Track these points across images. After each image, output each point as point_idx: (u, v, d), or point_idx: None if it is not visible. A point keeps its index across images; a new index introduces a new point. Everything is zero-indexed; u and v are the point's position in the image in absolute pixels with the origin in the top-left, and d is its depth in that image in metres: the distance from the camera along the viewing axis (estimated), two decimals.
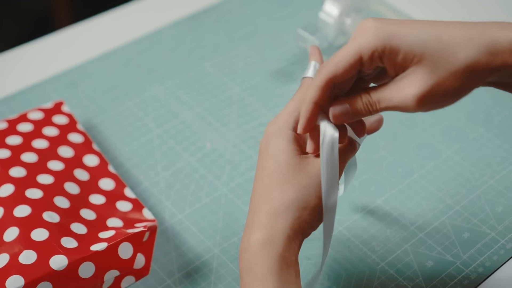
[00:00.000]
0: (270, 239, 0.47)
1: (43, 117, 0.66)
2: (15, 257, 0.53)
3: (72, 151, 0.63)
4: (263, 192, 0.49)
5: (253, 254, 0.48)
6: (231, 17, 0.86)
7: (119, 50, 0.81)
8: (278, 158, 0.50)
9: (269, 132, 0.51)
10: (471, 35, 0.48)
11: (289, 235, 0.48)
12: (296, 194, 0.48)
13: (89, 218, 0.58)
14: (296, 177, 0.49)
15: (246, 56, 0.80)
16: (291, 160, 0.49)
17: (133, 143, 0.71)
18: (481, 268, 0.60)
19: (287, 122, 0.51)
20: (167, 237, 0.63)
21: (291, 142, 0.50)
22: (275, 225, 0.48)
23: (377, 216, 0.64)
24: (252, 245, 0.48)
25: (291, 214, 0.48)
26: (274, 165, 0.50)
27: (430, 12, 0.86)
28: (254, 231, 0.48)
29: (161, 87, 0.77)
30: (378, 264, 0.60)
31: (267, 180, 0.49)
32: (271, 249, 0.47)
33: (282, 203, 0.48)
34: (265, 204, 0.49)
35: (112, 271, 0.55)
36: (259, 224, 0.48)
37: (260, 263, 0.47)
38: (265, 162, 0.50)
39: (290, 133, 0.50)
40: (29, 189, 0.58)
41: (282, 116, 0.51)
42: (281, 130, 0.51)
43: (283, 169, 0.49)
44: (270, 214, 0.48)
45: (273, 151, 0.50)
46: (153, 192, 0.66)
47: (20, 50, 0.82)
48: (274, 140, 0.50)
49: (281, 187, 0.49)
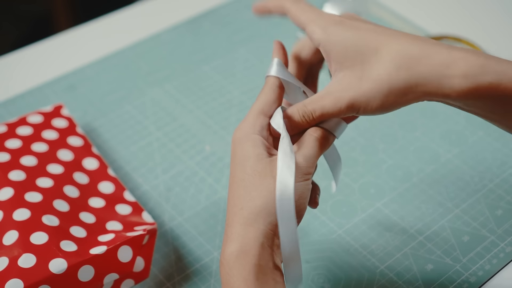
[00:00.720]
0: (243, 250, 0.46)
1: (43, 120, 0.66)
2: (14, 260, 0.53)
3: (72, 155, 0.63)
4: (233, 202, 0.48)
5: (227, 267, 0.47)
6: (230, 21, 0.86)
7: (118, 53, 0.81)
8: (244, 165, 0.49)
9: (235, 139, 0.50)
10: (404, 53, 0.48)
11: (263, 243, 0.47)
12: (264, 200, 0.47)
13: (88, 222, 0.58)
14: (263, 182, 0.48)
15: (246, 60, 0.81)
16: (257, 165, 0.48)
17: (133, 146, 0.71)
18: (481, 272, 0.60)
19: (252, 126, 0.50)
20: (166, 240, 0.62)
21: (257, 146, 0.49)
22: (247, 235, 0.47)
23: (376, 219, 0.64)
24: (227, 258, 0.47)
25: (261, 222, 0.47)
26: (240, 173, 0.49)
27: (430, 15, 0.86)
28: (228, 243, 0.47)
29: (161, 90, 0.77)
30: (377, 267, 0.60)
31: (236, 189, 0.49)
32: (245, 260, 0.46)
33: (251, 212, 0.47)
34: (236, 215, 0.48)
35: (112, 274, 0.55)
36: (232, 236, 0.47)
37: (235, 276, 0.46)
38: (233, 171, 0.50)
39: (256, 137, 0.50)
40: (29, 193, 0.58)
41: (247, 121, 0.51)
42: (247, 135, 0.50)
43: (250, 176, 0.48)
44: (241, 224, 0.47)
45: (240, 159, 0.49)
46: (153, 195, 0.66)
47: (19, 53, 0.82)
48: (240, 147, 0.50)
49: (249, 195, 0.48)
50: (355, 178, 0.67)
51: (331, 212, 0.65)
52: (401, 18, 0.85)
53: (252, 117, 0.51)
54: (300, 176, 0.48)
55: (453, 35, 0.82)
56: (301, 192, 0.48)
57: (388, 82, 0.47)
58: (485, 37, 0.82)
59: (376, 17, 0.85)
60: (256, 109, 0.51)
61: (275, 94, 0.52)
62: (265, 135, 0.50)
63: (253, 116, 0.51)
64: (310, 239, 0.62)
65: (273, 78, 0.52)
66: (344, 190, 0.66)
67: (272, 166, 0.48)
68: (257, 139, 0.50)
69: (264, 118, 0.51)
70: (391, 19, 0.85)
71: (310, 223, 0.64)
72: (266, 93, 0.52)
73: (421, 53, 0.47)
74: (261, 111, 0.51)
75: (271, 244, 0.47)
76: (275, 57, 0.53)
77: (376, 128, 0.72)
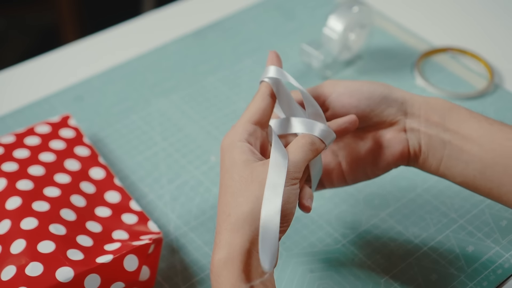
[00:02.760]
0: (231, 257, 0.47)
1: (50, 130, 0.67)
2: (21, 269, 0.53)
3: (79, 164, 0.64)
4: (221, 209, 0.49)
5: (216, 275, 0.47)
6: (236, 32, 0.87)
7: (125, 64, 0.82)
8: (231, 172, 0.49)
9: (223, 147, 0.51)
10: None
11: (249, 249, 0.47)
12: (250, 205, 0.47)
13: (95, 231, 0.58)
14: (249, 188, 0.48)
15: (251, 70, 0.81)
16: (243, 172, 0.49)
17: (139, 156, 0.72)
18: (485, 282, 0.60)
19: (240, 133, 0.51)
20: (172, 250, 0.63)
21: (244, 153, 0.50)
22: (233, 241, 0.47)
23: (381, 230, 0.64)
24: (215, 265, 0.47)
25: (248, 228, 0.47)
26: (228, 181, 0.49)
27: (434, 27, 0.86)
28: (216, 251, 0.48)
29: (167, 101, 0.78)
30: (382, 277, 0.60)
31: (224, 196, 0.49)
32: (232, 267, 0.46)
33: (237, 218, 0.47)
34: (224, 222, 0.48)
35: (118, 283, 0.55)
36: (220, 243, 0.48)
37: (223, 283, 0.46)
38: (222, 178, 0.50)
39: (243, 144, 0.50)
40: (36, 202, 0.58)
41: (235, 129, 0.51)
42: (234, 143, 0.50)
43: (236, 183, 0.48)
44: (228, 231, 0.47)
45: (227, 166, 0.50)
46: (158, 204, 0.67)
47: (27, 64, 0.83)
48: (227, 154, 0.50)
49: (235, 202, 0.48)
50: (359, 189, 0.68)
51: (336, 223, 0.65)
52: (406, 30, 0.86)
53: (240, 125, 0.51)
54: (287, 181, 0.48)
55: (457, 47, 0.83)
56: (288, 196, 0.48)
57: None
58: (490, 49, 0.83)
59: (380, 29, 0.86)
60: (244, 117, 0.52)
61: (265, 102, 0.52)
62: (253, 142, 0.51)
63: (241, 124, 0.51)
64: (315, 249, 0.63)
65: (264, 87, 0.53)
66: (349, 200, 0.67)
67: (259, 172, 0.48)
68: (244, 146, 0.50)
69: (251, 125, 0.51)
70: (395, 31, 0.86)
71: (315, 233, 0.64)
72: (256, 101, 0.52)
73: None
74: (249, 120, 0.51)
75: (258, 249, 0.47)
76: (270, 65, 0.54)
77: None
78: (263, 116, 0.52)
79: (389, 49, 0.83)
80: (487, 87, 0.78)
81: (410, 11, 0.89)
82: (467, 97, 0.77)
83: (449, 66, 0.81)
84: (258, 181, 0.48)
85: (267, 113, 0.53)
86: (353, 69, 0.81)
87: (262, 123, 0.52)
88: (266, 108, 0.52)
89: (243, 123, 0.51)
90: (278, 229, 0.46)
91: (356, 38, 0.78)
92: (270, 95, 0.53)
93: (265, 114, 0.52)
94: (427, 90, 0.78)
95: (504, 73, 0.80)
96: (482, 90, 0.77)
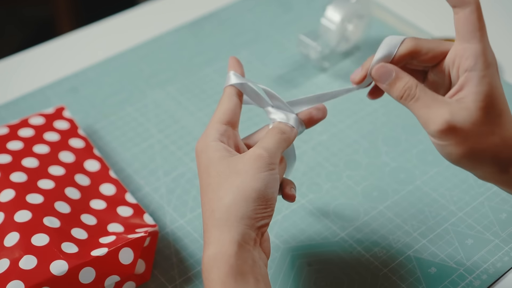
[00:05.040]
0: (220, 252, 0.47)
1: (44, 122, 0.66)
2: (15, 262, 0.53)
3: (73, 156, 0.63)
4: (205, 208, 0.49)
5: (206, 272, 0.47)
6: (232, 23, 0.86)
7: (120, 55, 0.81)
8: (209, 171, 0.50)
9: (197, 151, 0.52)
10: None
11: (238, 241, 0.47)
12: (232, 196, 0.48)
13: (89, 223, 0.58)
14: (227, 180, 0.48)
15: (248, 62, 0.80)
16: (220, 166, 0.49)
17: (134, 148, 0.71)
18: (485, 275, 0.59)
19: (212, 135, 0.51)
20: (168, 243, 0.62)
21: (218, 150, 0.50)
22: (221, 236, 0.47)
23: (379, 222, 0.63)
24: (205, 262, 0.47)
25: (233, 219, 0.47)
26: (207, 179, 0.50)
27: (432, 17, 0.86)
28: (206, 248, 0.48)
29: (162, 92, 0.77)
30: (380, 270, 0.60)
31: (205, 195, 0.49)
32: (221, 262, 0.46)
33: (222, 211, 0.48)
34: (209, 219, 0.48)
35: (113, 276, 0.55)
36: (208, 240, 0.48)
37: (213, 280, 0.46)
38: (200, 180, 0.51)
39: (215, 143, 0.51)
40: (30, 194, 0.58)
41: (206, 132, 0.52)
42: (206, 143, 0.51)
43: (215, 178, 0.49)
44: (215, 226, 0.48)
45: (204, 166, 0.50)
46: (154, 197, 0.66)
47: (21, 55, 0.82)
48: (202, 156, 0.51)
49: (217, 196, 0.48)
50: (358, 181, 0.67)
51: (334, 215, 0.64)
52: (404, 21, 0.85)
53: (211, 127, 0.52)
54: (264, 167, 0.49)
55: None
56: (267, 182, 0.49)
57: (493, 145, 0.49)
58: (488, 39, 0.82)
59: (378, 20, 0.85)
60: (214, 119, 0.53)
61: (232, 102, 0.53)
62: (225, 141, 0.52)
63: (211, 126, 0.52)
64: (312, 242, 0.62)
65: (229, 88, 0.54)
66: (347, 193, 0.66)
67: (235, 163, 0.49)
68: (218, 144, 0.51)
69: (222, 125, 0.52)
70: (394, 21, 0.85)
71: (312, 226, 0.63)
72: (223, 103, 0.53)
73: None
74: (218, 120, 0.52)
75: (248, 241, 0.47)
76: (230, 70, 0.55)
77: (379, 131, 0.72)
78: (232, 116, 0.53)
79: None
80: None
81: (409, 2, 0.88)
82: None
83: None
84: (235, 172, 0.48)
85: (235, 113, 0.53)
86: (351, 60, 0.80)
87: (232, 123, 0.53)
88: (234, 108, 0.53)
89: (213, 125, 0.52)
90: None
91: (354, 29, 0.77)
92: (237, 93, 0.54)
93: (233, 113, 0.53)
94: None
95: (503, 65, 0.79)
96: None
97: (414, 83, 0.50)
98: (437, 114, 0.48)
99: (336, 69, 0.79)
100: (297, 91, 0.77)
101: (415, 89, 0.49)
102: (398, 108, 0.74)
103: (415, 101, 0.49)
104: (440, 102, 0.48)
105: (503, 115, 0.48)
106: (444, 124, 0.48)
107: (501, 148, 0.49)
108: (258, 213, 0.48)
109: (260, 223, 0.48)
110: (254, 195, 0.48)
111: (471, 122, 0.47)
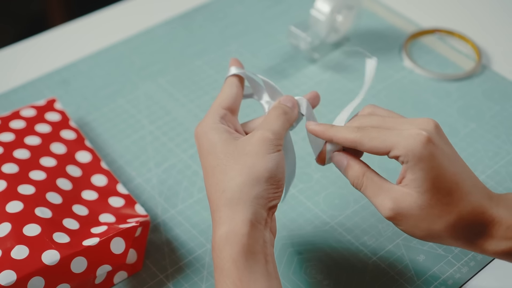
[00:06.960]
0: (232, 231, 0.47)
1: (36, 114, 0.66)
2: (7, 252, 0.53)
3: (65, 148, 0.64)
4: (213, 189, 0.49)
5: (218, 251, 0.47)
6: (223, 15, 0.86)
7: (111, 48, 0.82)
8: (215, 152, 0.50)
9: (198, 133, 0.52)
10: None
11: (251, 220, 0.47)
12: (245, 176, 0.48)
13: (81, 214, 0.58)
14: (238, 161, 0.49)
15: (238, 54, 0.81)
16: (228, 148, 0.50)
17: (126, 139, 0.71)
18: (473, 262, 0.60)
19: (212, 118, 0.52)
20: (159, 233, 0.63)
21: (222, 133, 0.51)
22: (235, 215, 0.48)
23: (368, 211, 0.64)
24: (217, 241, 0.48)
25: (246, 198, 0.48)
26: (214, 160, 0.50)
27: (422, 8, 0.86)
28: (217, 228, 0.48)
29: (154, 84, 0.77)
30: (370, 258, 0.60)
31: (213, 176, 0.50)
32: (233, 241, 0.47)
33: (234, 191, 0.48)
34: (220, 199, 0.49)
35: (105, 266, 0.55)
36: (220, 220, 0.48)
37: (224, 258, 0.47)
38: (204, 162, 0.51)
39: (218, 126, 0.51)
40: (22, 185, 0.58)
41: (207, 116, 0.53)
42: (207, 126, 0.51)
43: (223, 160, 0.49)
44: (226, 206, 0.48)
45: (207, 148, 0.51)
46: (146, 188, 0.66)
47: (12, 48, 0.82)
48: (205, 138, 0.51)
49: (227, 177, 0.49)
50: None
51: (324, 204, 0.65)
52: (393, 12, 0.85)
53: (212, 111, 0.53)
54: (272, 148, 0.50)
55: (445, 28, 0.83)
56: (277, 161, 0.50)
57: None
58: (477, 30, 0.83)
59: (367, 11, 0.85)
60: (215, 104, 0.53)
61: (233, 89, 0.54)
62: (225, 125, 0.52)
63: (212, 110, 0.53)
64: (302, 231, 0.62)
65: (230, 78, 0.55)
66: (337, 182, 0.67)
67: (244, 144, 0.50)
68: (220, 127, 0.51)
69: (222, 110, 0.53)
70: (383, 12, 0.85)
71: (302, 215, 0.64)
72: (224, 90, 0.54)
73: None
74: (219, 105, 0.53)
75: (260, 220, 0.48)
76: (231, 67, 0.56)
77: None
78: (232, 102, 0.54)
79: (377, 31, 0.83)
80: (474, 68, 0.77)
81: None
82: (454, 78, 0.77)
83: (436, 48, 0.81)
84: (245, 153, 0.49)
85: (236, 100, 0.54)
86: (341, 51, 0.81)
87: (232, 109, 0.54)
88: (235, 95, 0.54)
89: (214, 109, 0.53)
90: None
91: (343, 20, 0.78)
92: (238, 81, 0.55)
93: (234, 100, 0.54)
94: (415, 72, 0.78)
95: (491, 54, 0.80)
96: (470, 71, 0.77)
97: (361, 172, 0.51)
98: (382, 202, 0.50)
99: (326, 60, 0.80)
100: (288, 82, 0.77)
101: (361, 178, 0.51)
102: (388, 98, 0.75)
103: (364, 189, 0.51)
104: (385, 191, 0.50)
105: (454, 192, 0.48)
106: (390, 212, 0.49)
107: (461, 225, 0.49)
108: (270, 193, 0.49)
109: (271, 203, 0.49)
110: (267, 174, 0.49)
111: (418, 207, 0.49)
